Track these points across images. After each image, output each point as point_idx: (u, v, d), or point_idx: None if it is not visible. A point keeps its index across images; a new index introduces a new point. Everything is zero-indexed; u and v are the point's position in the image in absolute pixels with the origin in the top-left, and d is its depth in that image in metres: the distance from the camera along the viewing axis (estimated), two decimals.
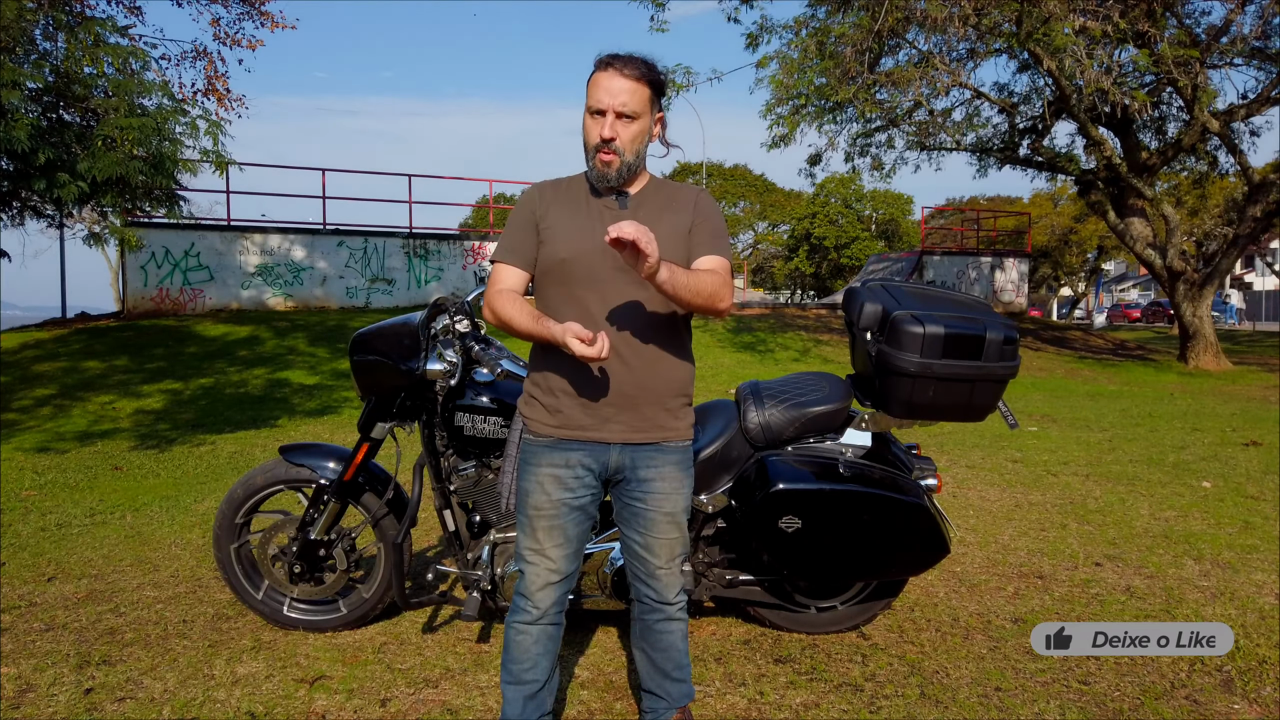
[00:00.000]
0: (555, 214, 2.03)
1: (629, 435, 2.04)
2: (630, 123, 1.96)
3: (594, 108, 1.96)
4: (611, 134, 1.94)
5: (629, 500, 2.10)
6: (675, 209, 2.06)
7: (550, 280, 2.03)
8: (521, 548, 2.11)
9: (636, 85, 1.95)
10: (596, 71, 1.98)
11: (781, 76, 13.58)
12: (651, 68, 1.98)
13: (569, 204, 2.05)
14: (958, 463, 6.29)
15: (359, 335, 2.87)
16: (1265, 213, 14.69)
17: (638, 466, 2.07)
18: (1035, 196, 40.29)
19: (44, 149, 6.78)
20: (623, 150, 1.96)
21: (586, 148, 2.00)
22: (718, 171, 43.90)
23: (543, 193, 2.08)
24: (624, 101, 1.94)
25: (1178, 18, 14.38)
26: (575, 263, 1.98)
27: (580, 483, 2.05)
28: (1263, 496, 5.15)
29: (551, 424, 2.04)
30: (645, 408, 2.04)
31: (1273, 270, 44.23)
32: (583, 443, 2.03)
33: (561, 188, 2.09)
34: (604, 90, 1.94)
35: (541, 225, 2.03)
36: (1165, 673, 2.78)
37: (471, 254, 17.14)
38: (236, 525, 3.10)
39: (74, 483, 5.83)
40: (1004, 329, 2.53)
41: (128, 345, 12.14)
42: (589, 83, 1.98)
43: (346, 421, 8.54)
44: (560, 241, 2.00)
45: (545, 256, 2.02)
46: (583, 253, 1.98)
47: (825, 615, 3.07)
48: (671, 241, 2.00)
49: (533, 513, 2.07)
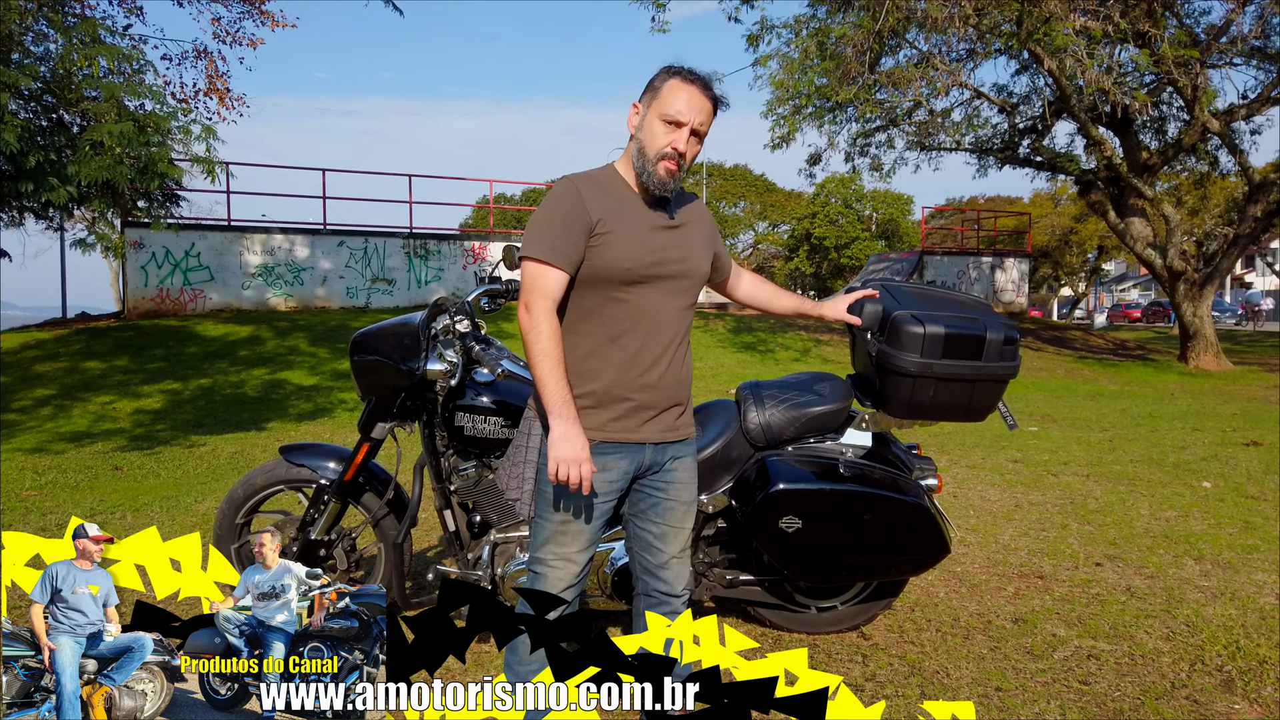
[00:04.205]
0: (613, 219, 1.98)
1: (665, 435, 2.09)
2: (698, 142, 2.01)
3: (674, 118, 1.95)
4: (686, 149, 1.97)
5: (650, 491, 2.12)
6: (697, 220, 2.16)
7: (601, 285, 1.99)
8: (544, 553, 2.08)
9: (713, 109, 2.01)
10: (676, 80, 1.97)
11: (781, 76, 13.58)
12: (721, 96, 2.04)
13: (623, 209, 2.01)
14: (958, 463, 6.29)
15: (359, 335, 2.87)
16: (1266, 212, 14.69)
17: (664, 461, 2.11)
18: (1035, 196, 40.28)
19: (34, 152, 6.76)
20: (685, 165, 2.00)
21: (647, 151, 1.97)
22: (718, 171, 43.88)
23: (592, 194, 1.99)
24: (703, 121, 1.99)
25: (1178, 17, 14.38)
26: (636, 270, 1.99)
27: (613, 488, 2.06)
28: (1263, 496, 5.15)
29: (590, 426, 2.00)
30: (678, 407, 2.11)
31: (1273, 270, 44.21)
32: (621, 445, 2.03)
33: (604, 186, 2.02)
34: (687, 106, 1.95)
35: (600, 228, 1.96)
36: (1165, 673, 2.78)
37: (472, 254, 17.13)
38: (237, 525, 3.10)
39: (74, 483, 5.83)
40: (1004, 329, 2.53)
41: (128, 345, 12.15)
42: (664, 88, 1.97)
43: (346, 422, 8.54)
44: (624, 250, 1.97)
45: (605, 263, 1.96)
46: (646, 264, 1.99)
47: (825, 615, 3.07)
48: (705, 251, 2.15)
49: (563, 520, 2.05)
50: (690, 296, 2.10)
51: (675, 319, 2.06)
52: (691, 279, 2.09)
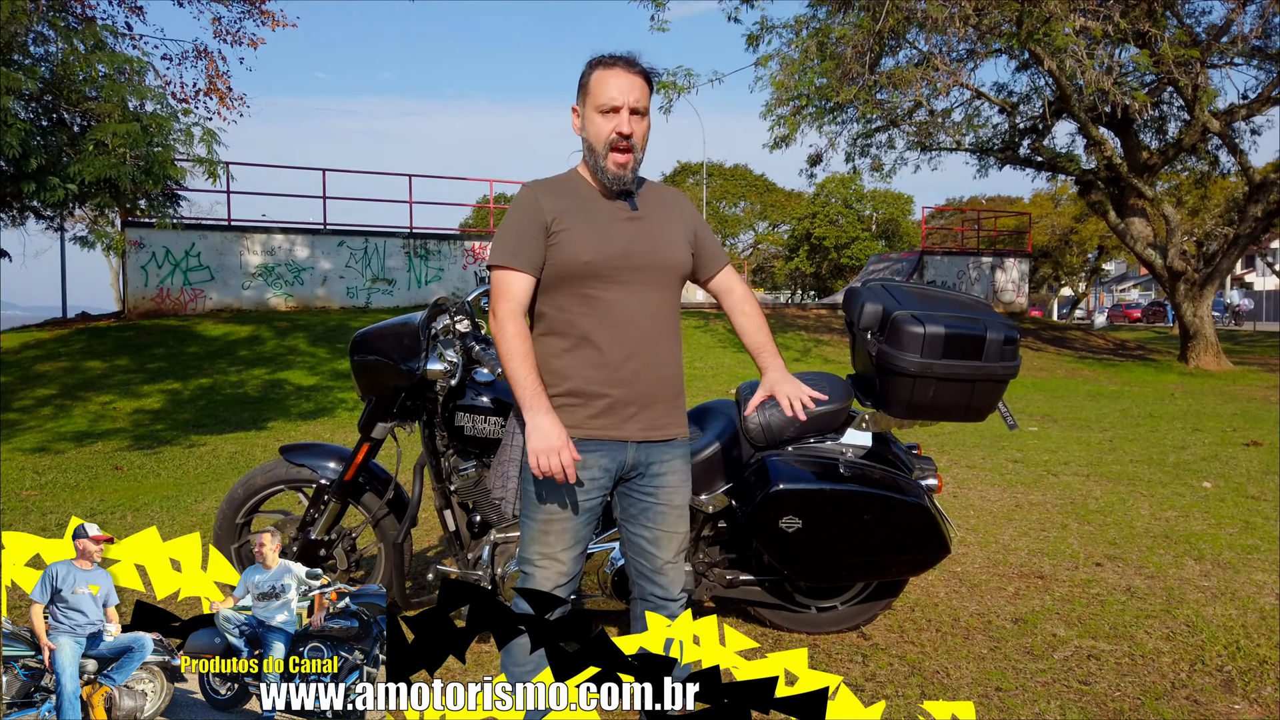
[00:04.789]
0: (568, 216, 2.00)
1: (647, 433, 2.05)
2: (642, 119, 1.98)
3: (606, 105, 1.95)
4: (630, 129, 1.95)
5: (639, 495, 2.10)
6: (670, 209, 2.10)
7: (567, 282, 2.00)
8: (529, 553, 2.09)
9: (644, 82, 1.98)
10: (600, 70, 1.97)
11: (782, 77, 13.59)
12: (649, 68, 2.01)
13: (579, 206, 2.02)
14: (958, 463, 6.29)
15: (359, 335, 2.87)
16: (1266, 212, 14.69)
17: (651, 462, 2.07)
18: (1035, 196, 40.26)
19: (36, 154, 6.77)
20: (638, 147, 1.98)
21: (594, 147, 1.98)
22: (718, 171, 43.88)
23: (545, 194, 2.03)
24: (638, 98, 1.96)
25: (1178, 17, 14.38)
26: (598, 265, 1.98)
27: (596, 484, 2.04)
28: (1263, 496, 5.15)
29: (569, 423, 2.00)
30: (660, 405, 2.06)
31: (1273, 270, 44.21)
32: (601, 442, 2.02)
33: (561, 188, 2.05)
34: (615, 87, 1.94)
35: (554, 227, 1.98)
36: (1166, 673, 2.78)
37: (472, 254, 17.13)
38: (237, 525, 3.10)
39: (74, 483, 5.83)
40: (1004, 329, 2.53)
41: (128, 345, 12.15)
42: (591, 81, 1.97)
43: (346, 422, 8.54)
44: (580, 244, 1.97)
45: (564, 259, 1.98)
46: (607, 256, 1.97)
47: (825, 615, 3.07)
48: (679, 241, 2.07)
49: (546, 518, 2.05)
50: (667, 289, 2.05)
51: (652, 313, 2.02)
52: (663, 270, 2.03)
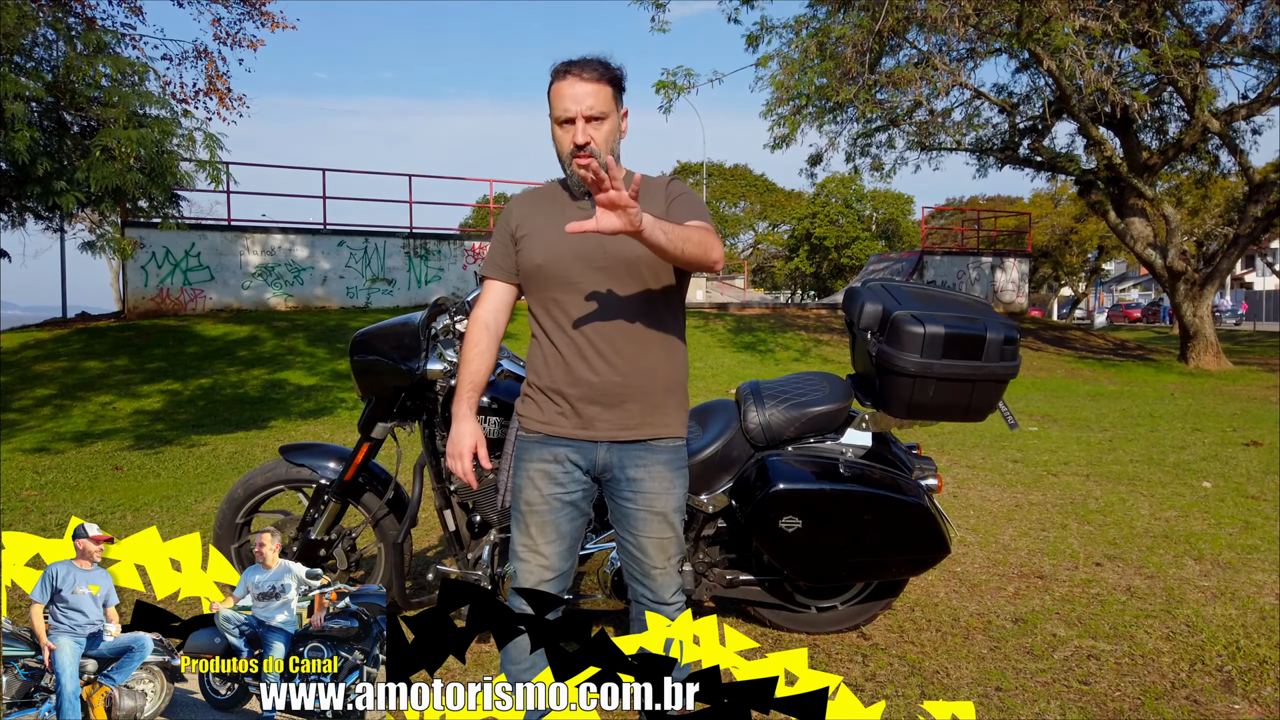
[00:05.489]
0: (532, 222, 2.05)
1: (616, 434, 2.03)
2: (600, 124, 1.96)
3: (561, 117, 1.95)
4: (585, 139, 1.94)
5: (620, 500, 2.10)
6: (651, 198, 2.03)
7: (531, 286, 2.06)
8: (516, 544, 2.11)
9: (598, 86, 1.95)
10: (555, 82, 1.97)
11: (782, 77, 13.59)
12: (608, 66, 1.98)
13: (547, 211, 2.06)
14: (958, 463, 6.29)
15: (359, 335, 2.87)
16: (1266, 212, 14.70)
17: (626, 465, 2.05)
18: (1035, 196, 40.24)
19: (42, 160, 6.77)
20: (599, 152, 1.95)
21: (561, 157, 2.00)
22: (718, 171, 43.89)
23: (521, 203, 2.12)
24: (590, 105, 1.93)
25: (1178, 17, 14.37)
26: (550, 266, 1.99)
27: (570, 478, 2.05)
28: (1263, 496, 5.15)
29: (540, 420, 2.06)
30: (631, 405, 2.02)
31: (1273, 270, 44.22)
32: (570, 440, 2.04)
33: (539, 196, 2.11)
34: (568, 98, 1.93)
35: (518, 234, 2.06)
36: (1165, 673, 2.78)
37: (472, 254, 17.14)
38: (237, 525, 3.10)
39: (74, 483, 5.83)
40: (1004, 329, 2.53)
41: (128, 345, 12.15)
42: (550, 94, 1.97)
43: (346, 421, 8.54)
44: (536, 247, 2.02)
45: (524, 263, 2.04)
46: (557, 255, 1.99)
47: (825, 615, 3.07)
48: None
49: (525, 508, 2.07)
50: (635, 285, 1.97)
51: (615, 312, 1.99)
52: (619, 266, 1.96)
